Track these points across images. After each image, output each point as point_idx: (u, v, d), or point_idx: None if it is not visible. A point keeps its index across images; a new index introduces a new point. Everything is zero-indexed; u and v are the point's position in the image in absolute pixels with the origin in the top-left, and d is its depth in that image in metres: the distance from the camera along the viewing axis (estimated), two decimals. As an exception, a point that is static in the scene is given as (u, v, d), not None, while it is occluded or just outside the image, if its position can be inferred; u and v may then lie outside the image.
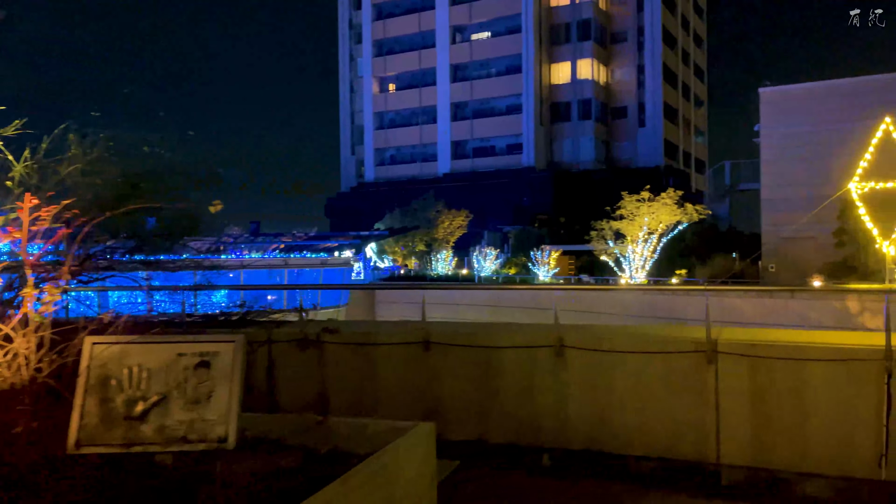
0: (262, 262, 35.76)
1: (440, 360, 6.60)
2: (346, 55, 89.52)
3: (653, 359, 5.99)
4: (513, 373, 6.41)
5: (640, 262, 40.05)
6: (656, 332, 6.28)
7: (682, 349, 5.89)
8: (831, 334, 6.08)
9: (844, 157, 40.07)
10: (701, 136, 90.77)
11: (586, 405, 6.15)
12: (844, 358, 5.39)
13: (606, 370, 6.13)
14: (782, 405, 5.57)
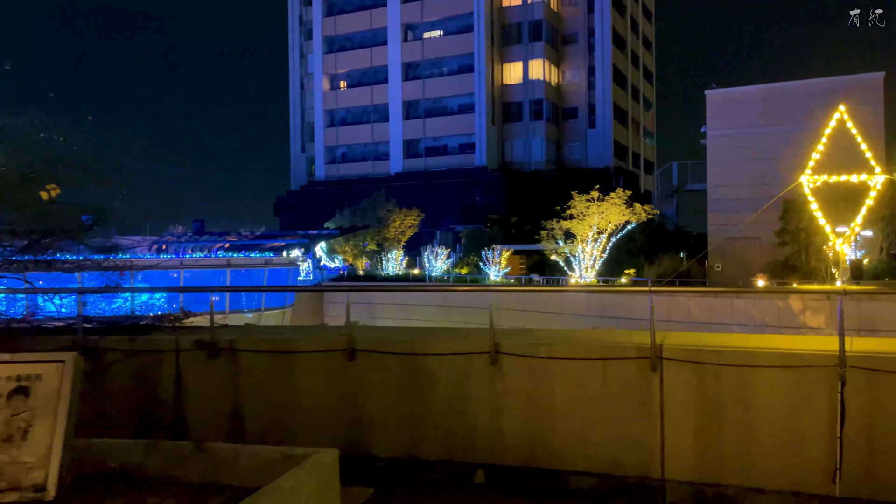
0: (203, 261, 34.52)
1: (367, 370, 6.03)
2: (296, 51, 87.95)
3: (594, 366, 5.54)
4: (445, 382, 5.88)
5: (589, 262, 40.15)
6: (598, 337, 5.84)
7: (624, 356, 5.46)
8: (782, 338, 5.74)
9: (789, 158, 40.93)
10: (650, 137, 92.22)
11: (523, 417, 5.67)
12: (795, 364, 5.02)
13: (545, 379, 5.66)
14: (730, 416, 5.18)
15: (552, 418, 5.60)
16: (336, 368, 6.03)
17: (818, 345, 5.25)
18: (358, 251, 54.18)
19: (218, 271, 33.60)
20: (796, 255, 39.86)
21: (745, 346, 5.31)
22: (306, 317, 42.18)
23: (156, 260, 33.69)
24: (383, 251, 52.34)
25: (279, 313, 35.07)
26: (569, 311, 34.84)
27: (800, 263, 39.38)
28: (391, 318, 42.01)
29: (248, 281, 34.52)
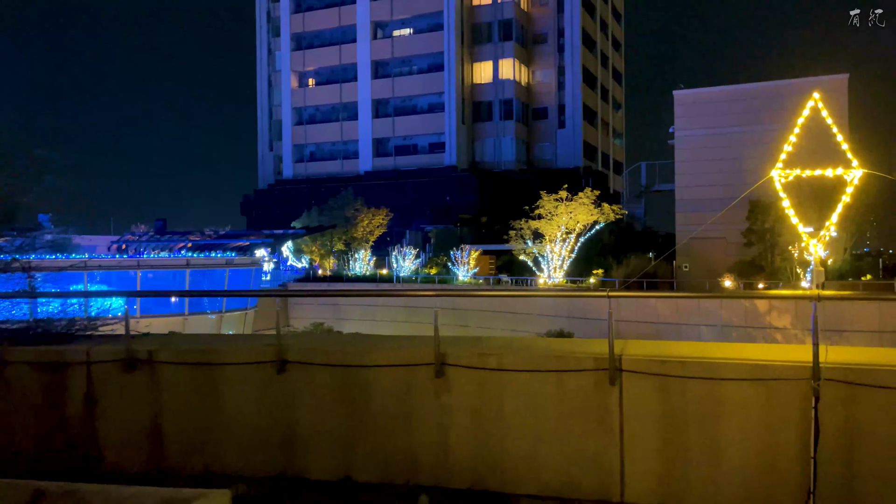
0: (161, 262, 33.44)
1: (299, 383, 5.45)
2: (263, 48, 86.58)
3: (547, 379, 5.04)
4: (386, 397, 5.33)
5: (558, 262, 39.89)
6: (552, 347, 5.34)
7: (581, 367, 4.96)
8: (754, 348, 5.29)
9: (756, 158, 41.19)
10: (619, 138, 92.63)
11: (471, 435, 5.14)
12: (765, 377, 4.57)
13: (495, 393, 5.14)
14: (696, 433, 4.71)
15: (502, 436, 5.09)
16: (265, 382, 5.44)
17: (791, 355, 4.81)
18: (325, 251, 53.30)
19: (177, 272, 32.57)
20: (762, 255, 40.12)
21: (712, 356, 4.85)
22: (270, 318, 41.24)
23: (112, 260, 32.57)
24: (351, 251, 51.55)
25: (241, 315, 34.16)
26: (536, 311, 34.51)
27: (766, 263, 39.65)
28: (357, 319, 41.32)
29: (208, 281, 33.54)
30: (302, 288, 44.55)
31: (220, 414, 5.52)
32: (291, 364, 5.42)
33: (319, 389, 5.40)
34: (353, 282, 46.31)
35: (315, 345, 5.65)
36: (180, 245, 47.49)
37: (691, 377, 4.73)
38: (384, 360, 5.32)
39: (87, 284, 30.58)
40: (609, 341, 4.90)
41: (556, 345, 5.48)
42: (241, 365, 5.45)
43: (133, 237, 48.70)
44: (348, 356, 5.38)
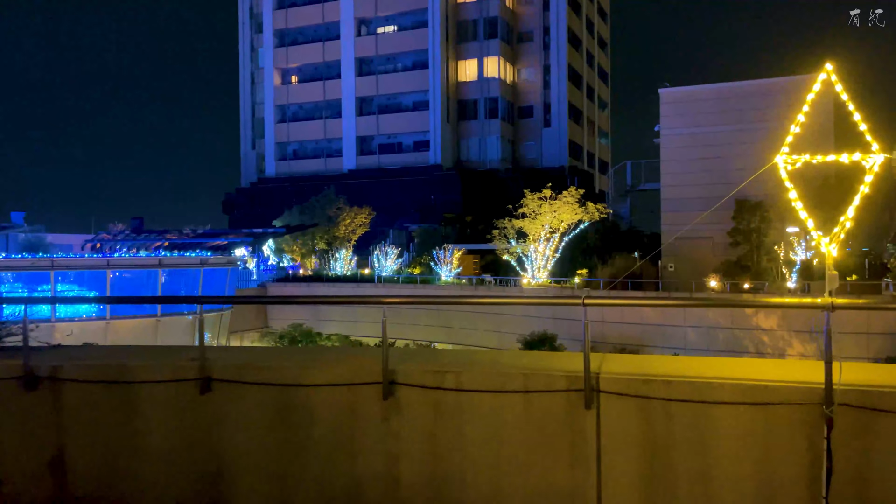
0: (132, 261, 32.41)
1: (226, 405, 4.68)
2: (246, 45, 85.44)
3: (513, 401, 4.31)
4: (326, 421, 4.58)
5: (542, 262, 39.24)
6: (520, 364, 4.60)
7: (551, 387, 4.24)
8: (750, 364, 4.58)
9: (743, 157, 40.78)
10: (605, 137, 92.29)
11: (425, 466, 4.41)
12: (766, 401, 3.87)
13: (452, 417, 4.40)
14: (684, 464, 4.01)
15: (461, 467, 4.36)
16: (187, 403, 4.67)
17: (797, 373, 4.10)
18: (307, 250, 52.37)
19: (149, 271, 31.56)
20: (748, 255, 39.72)
21: (703, 375, 4.13)
22: (248, 319, 40.30)
23: (80, 259, 31.54)
24: (332, 250, 50.66)
25: (216, 316, 33.17)
26: (520, 312, 33.86)
27: (752, 263, 39.25)
28: (337, 319, 40.48)
29: (182, 282, 32.55)
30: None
31: (135, 440, 4.75)
32: (217, 382, 4.65)
33: (250, 412, 4.64)
34: (333, 282, 45.42)
35: (246, 360, 4.87)
36: (157, 244, 46.43)
37: (679, 399, 4.01)
38: (324, 379, 4.57)
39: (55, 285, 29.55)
40: (584, 356, 4.18)
41: (525, 360, 4.75)
42: (159, 383, 4.68)
43: (108, 236, 47.58)
44: (283, 373, 4.62)
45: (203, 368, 4.65)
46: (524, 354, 5.11)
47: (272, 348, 5.80)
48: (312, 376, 4.61)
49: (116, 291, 32.30)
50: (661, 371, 4.28)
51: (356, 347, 5.29)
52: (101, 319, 29.08)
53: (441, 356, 5.04)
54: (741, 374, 4.13)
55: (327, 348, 5.25)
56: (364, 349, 5.87)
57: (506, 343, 32.17)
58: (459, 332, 36.55)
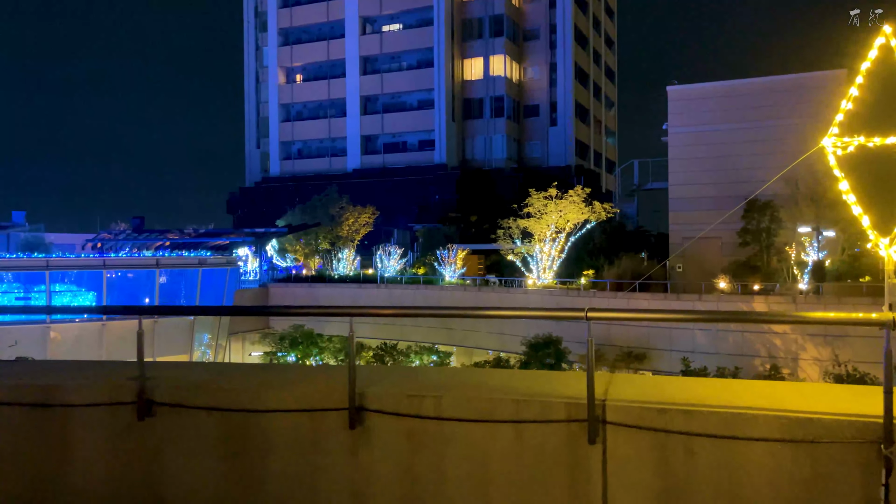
0: (129, 261, 31.83)
1: (169, 432, 4.01)
2: (251, 44, 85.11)
3: (502, 432, 3.61)
4: (285, 453, 3.90)
5: (547, 262, 38.47)
6: (510, 385, 3.90)
7: (548, 416, 3.54)
8: (786, 389, 3.86)
9: (752, 155, 39.97)
10: (612, 136, 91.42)
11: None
12: (809, 439, 3.16)
13: (431, 450, 3.71)
14: (708, 512, 3.30)
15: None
16: (124, 430, 4.00)
17: (846, 402, 3.40)
18: (310, 250, 51.75)
19: (146, 272, 30.98)
20: (758, 256, 38.87)
21: (732, 403, 3.43)
22: (248, 320, 39.63)
23: (76, 259, 30.99)
24: (335, 250, 50.02)
25: (215, 318, 32.53)
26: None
27: (761, 264, 38.40)
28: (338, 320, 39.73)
29: (181, 282, 31.98)
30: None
31: (63, 473, 4.08)
32: (160, 406, 3.99)
33: (197, 441, 3.97)
34: (335, 283, 44.78)
35: (194, 379, 4.20)
36: (158, 244, 45.93)
37: (703, 434, 3.31)
38: (282, 403, 3.89)
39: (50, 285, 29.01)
40: (588, 379, 3.48)
41: (517, 381, 4.05)
42: (92, 407, 4.02)
43: (109, 235, 47.10)
44: (236, 396, 3.95)
45: (143, 390, 3.98)
46: (517, 375, 4.40)
47: (226, 365, 5.15)
48: (269, 400, 3.93)
49: (114, 292, 31.77)
50: (680, 397, 3.57)
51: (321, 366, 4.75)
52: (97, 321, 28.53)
53: (420, 375, 4.35)
54: (778, 403, 3.43)
55: (288, 366, 4.61)
56: (330, 368, 5.19)
57: (508, 345, 31.43)
58: (461, 333, 35.85)
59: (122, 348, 28.29)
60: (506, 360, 27.49)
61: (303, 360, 31.71)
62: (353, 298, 41.36)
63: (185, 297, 31.81)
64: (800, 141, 38.62)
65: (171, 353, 31.01)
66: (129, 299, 31.32)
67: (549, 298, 33.43)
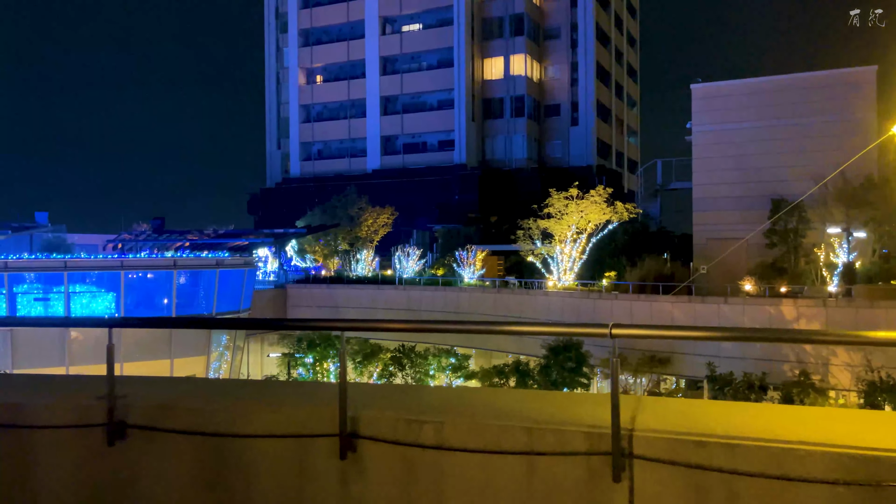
0: (147, 262, 31.78)
1: (142, 457, 3.60)
2: (272, 45, 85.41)
3: (512, 465, 3.14)
4: (268, 484, 3.46)
5: (568, 264, 37.82)
6: (522, 409, 3.42)
7: (565, 447, 3.07)
8: (843, 416, 3.33)
9: (778, 154, 38.98)
10: (634, 136, 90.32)
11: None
12: (878, 481, 2.66)
13: (431, 484, 3.26)
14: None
15: (444, 550, 3.21)
16: (92, 456, 3.60)
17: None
18: (329, 251, 51.59)
19: (163, 273, 30.89)
20: (785, 257, 37.89)
21: (780, 435, 2.92)
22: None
23: (94, 260, 30.98)
24: (354, 251, 49.80)
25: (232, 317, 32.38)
26: (542, 317, 32.55)
27: (788, 266, 37.42)
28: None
29: (199, 283, 31.86)
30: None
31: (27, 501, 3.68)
32: (134, 430, 3.58)
33: (171, 469, 3.55)
34: (353, 283, 44.53)
35: (169, 398, 3.76)
36: (178, 244, 46.02)
37: (748, 473, 2.82)
38: (265, 427, 3.46)
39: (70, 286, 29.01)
40: (612, 405, 3.00)
41: (530, 403, 3.56)
42: (57, 429, 3.62)
43: (130, 236, 47.28)
44: (215, 418, 3.52)
45: (113, 411, 3.56)
46: (530, 396, 3.92)
47: (205, 381, 4.74)
48: (251, 423, 3.50)
49: (133, 293, 31.74)
50: (720, 427, 3.07)
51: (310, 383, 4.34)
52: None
53: (420, 396, 3.88)
54: (835, 435, 2.92)
55: (274, 383, 4.21)
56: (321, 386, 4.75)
57: (528, 348, 30.88)
58: (480, 336, 35.34)
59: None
60: (525, 364, 26.97)
61: (320, 362, 31.42)
62: (372, 299, 41.07)
63: (203, 297, 31.70)
64: (828, 139, 37.63)
65: (188, 354, 30.92)
66: (148, 300, 31.28)
67: (570, 301, 32.83)
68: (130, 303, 29.37)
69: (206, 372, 31.93)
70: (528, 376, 25.57)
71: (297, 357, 31.57)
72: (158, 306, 30.80)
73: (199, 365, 30.53)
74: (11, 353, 26.39)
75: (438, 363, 30.09)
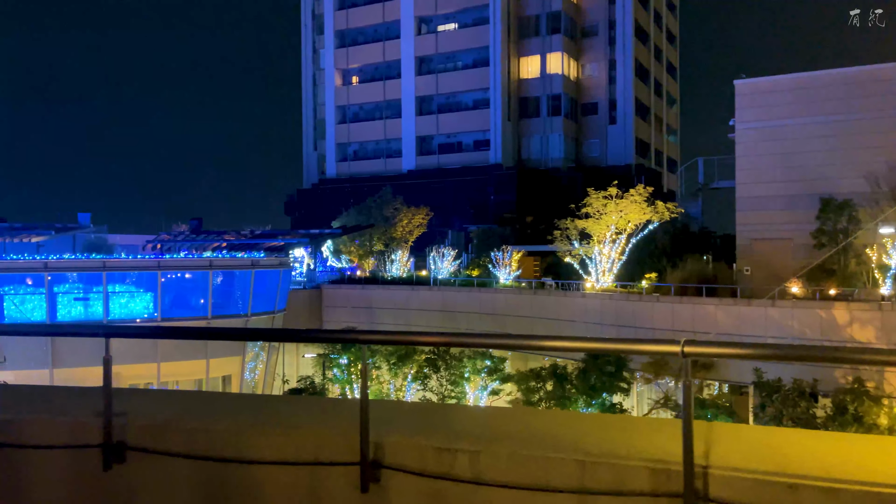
0: (183, 262, 31.98)
1: (140, 482, 3.21)
2: (308, 47, 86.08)
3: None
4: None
5: (607, 265, 36.96)
6: (570, 436, 2.92)
7: (625, 486, 2.57)
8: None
9: (826, 152, 37.55)
10: (673, 135, 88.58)
11: None
12: None
13: (465, 522, 2.78)
14: None
15: None
16: (87, 479, 3.22)
17: None
18: (364, 251, 51.51)
19: (199, 273, 31.02)
20: (834, 259, 36.46)
21: (886, 474, 2.39)
22: (301, 321, 39.49)
23: (131, 260, 31.25)
24: (389, 251, 49.61)
25: (268, 319, 32.39)
26: (580, 318, 31.82)
27: (838, 267, 35.98)
28: (391, 322, 39.30)
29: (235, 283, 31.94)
30: (333, 292, 42.61)
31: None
32: (133, 452, 3.18)
33: (174, 496, 3.15)
34: (388, 284, 44.32)
35: (172, 416, 3.34)
36: (215, 245, 46.39)
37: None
38: (274, 452, 3.03)
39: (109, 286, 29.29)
40: (684, 436, 2.49)
41: (579, 428, 3.05)
42: (49, 449, 3.25)
43: (168, 237, 47.83)
44: (219, 440, 3.11)
45: (109, 431, 3.17)
46: (580, 420, 3.40)
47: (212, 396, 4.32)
48: (258, 446, 3.08)
49: (170, 293, 31.95)
50: (813, 463, 2.53)
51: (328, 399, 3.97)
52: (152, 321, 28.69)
53: (452, 417, 3.41)
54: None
55: (288, 398, 3.81)
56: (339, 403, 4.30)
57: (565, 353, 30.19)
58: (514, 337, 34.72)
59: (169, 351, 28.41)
60: (563, 367, 26.33)
61: (355, 363, 31.20)
62: (406, 300, 40.79)
63: (239, 297, 31.78)
64: (881, 136, 36.09)
65: (224, 354, 31.02)
66: (184, 300, 31.50)
67: (610, 303, 32.02)
68: (167, 303, 29.56)
69: (242, 372, 31.99)
70: (566, 380, 24.93)
71: (332, 357, 31.41)
72: (195, 306, 30.95)
73: (235, 365, 30.61)
74: (51, 352, 26.70)
75: (473, 365, 29.62)
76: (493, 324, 36.53)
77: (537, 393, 25.17)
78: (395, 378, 29.87)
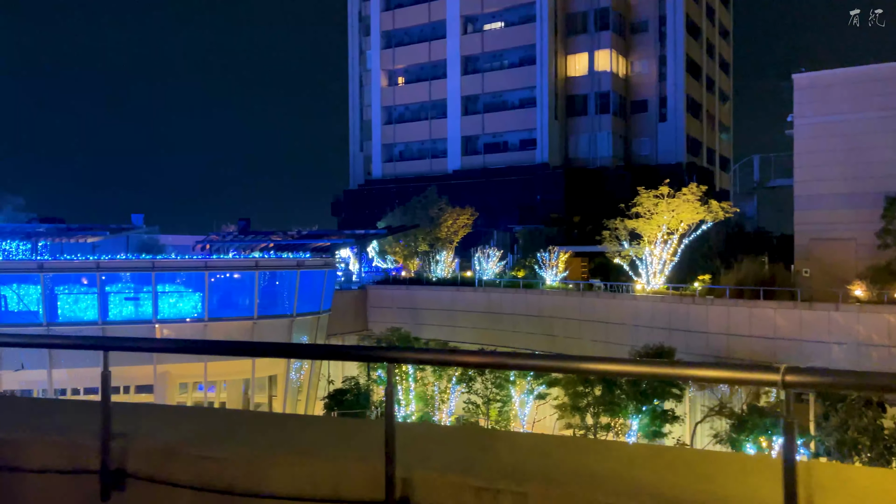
0: (230, 262, 32.20)
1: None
2: (355, 48, 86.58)
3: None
4: (295, 557, 2.61)
5: (658, 266, 35.86)
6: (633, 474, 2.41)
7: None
8: None
9: (892, 147, 35.77)
10: (726, 132, 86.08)
11: None
12: None
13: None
14: None
15: None
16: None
17: None
18: (409, 252, 51.35)
19: (246, 273, 31.22)
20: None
21: None
22: (347, 321, 39.50)
23: (179, 261, 31.64)
24: (433, 252, 49.32)
25: (313, 320, 32.37)
26: (631, 321, 30.90)
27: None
28: (436, 324, 39.00)
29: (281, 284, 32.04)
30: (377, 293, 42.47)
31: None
32: (134, 480, 2.81)
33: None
34: (432, 285, 44.00)
35: (177, 439, 2.95)
36: (262, 245, 46.82)
37: None
38: (287, 485, 2.61)
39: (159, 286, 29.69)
40: (785, 485, 1.97)
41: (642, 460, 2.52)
42: (46, 474, 2.90)
43: (217, 237, 48.49)
44: (228, 469, 2.71)
45: (106, 457, 2.80)
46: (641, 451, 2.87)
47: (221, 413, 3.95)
48: (269, 478, 2.66)
49: (217, 293, 32.22)
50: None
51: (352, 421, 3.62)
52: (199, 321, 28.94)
53: (491, 445, 2.92)
54: None
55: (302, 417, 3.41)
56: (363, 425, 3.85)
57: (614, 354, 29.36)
58: (563, 341, 33.98)
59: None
60: (612, 372, 25.51)
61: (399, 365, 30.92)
62: (451, 301, 40.41)
63: (285, 298, 31.89)
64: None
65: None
66: (231, 301, 31.74)
67: (661, 305, 31.00)
68: (215, 303, 29.78)
69: (288, 373, 32.07)
70: (616, 385, 24.12)
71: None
72: (242, 306, 31.13)
73: (280, 366, 30.68)
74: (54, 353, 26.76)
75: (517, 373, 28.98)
76: (539, 326, 35.86)
77: (585, 398, 24.43)
78: (439, 380, 29.46)
